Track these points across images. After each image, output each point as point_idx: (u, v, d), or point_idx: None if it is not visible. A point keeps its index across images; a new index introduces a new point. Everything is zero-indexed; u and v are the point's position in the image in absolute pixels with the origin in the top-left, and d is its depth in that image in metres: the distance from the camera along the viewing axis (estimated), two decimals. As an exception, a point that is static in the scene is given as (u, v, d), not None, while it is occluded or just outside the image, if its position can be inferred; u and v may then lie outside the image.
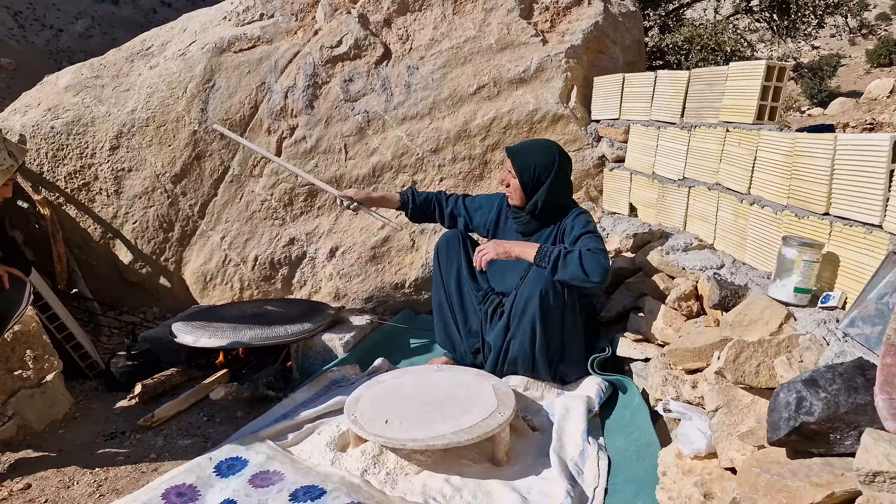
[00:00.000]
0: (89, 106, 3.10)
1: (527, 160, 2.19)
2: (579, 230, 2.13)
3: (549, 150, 2.23)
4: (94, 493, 1.80)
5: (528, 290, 2.07)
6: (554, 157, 2.21)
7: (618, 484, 1.66)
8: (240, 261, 3.09)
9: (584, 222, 2.17)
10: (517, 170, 2.20)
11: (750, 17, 6.63)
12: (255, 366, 2.57)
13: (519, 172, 2.19)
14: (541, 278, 2.04)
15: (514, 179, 2.21)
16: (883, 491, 0.92)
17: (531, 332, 2.08)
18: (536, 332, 2.07)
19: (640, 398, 1.93)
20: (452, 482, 1.67)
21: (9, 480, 1.86)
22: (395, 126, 3.03)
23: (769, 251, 1.84)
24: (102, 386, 2.47)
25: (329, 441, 1.87)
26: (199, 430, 2.15)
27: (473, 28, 3.08)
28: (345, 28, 3.10)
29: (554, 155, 2.21)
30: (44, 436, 2.13)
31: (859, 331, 1.34)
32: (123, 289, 3.19)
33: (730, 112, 2.16)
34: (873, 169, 1.49)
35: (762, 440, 1.26)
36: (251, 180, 3.08)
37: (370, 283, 3.03)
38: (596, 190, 3.04)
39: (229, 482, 1.69)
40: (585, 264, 1.98)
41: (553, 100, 2.98)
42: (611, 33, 3.18)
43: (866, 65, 17.04)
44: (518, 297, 2.11)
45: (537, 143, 2.34)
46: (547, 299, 2.03)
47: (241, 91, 3.06)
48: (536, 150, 2.25)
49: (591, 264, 1.98)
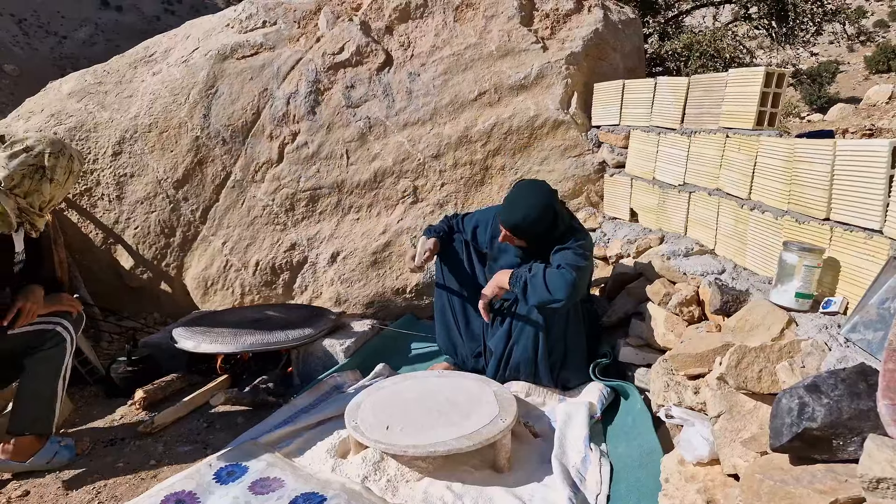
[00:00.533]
0: (92, 112, 3.11)
1: (523, 231, 2.09)
2: (565, 244, 2.07)
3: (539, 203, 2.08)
4: (93, 500, 1.79)
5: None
6: (549, 209, 2.08)
7: (620, 491, 1.65)
8: (241, 266, 3.09)
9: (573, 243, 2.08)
10: (515, 234, 2.12)
11: (749, 25, 6.66)
12: (256, 371, 2.57)
13: (516, 235, 2.12)
14: None
15: (515, 239, 2.15)
16: (887, 497, 0.91)
17: (534, 338, 2.08)
18: (539, 338, 2.07)
19: (642, 404, 1.92)
20: (454, 489, 1.66)
21: (7, 487, 1.86)
22: (396, 132, 3.04)
23: (770, 256, 1.84)
24: (102, 392, 2.46)
25: (329, 447, 1.87)
26: (199, 436, 2.15)
27: (474, 35, 3.10)
28: (347, 35, 3.11)
29: (546, 206, 2.08)
30: (44, 442, 2.12)
31: (861, 336, 1.34)
32: (124, 294, 3.19)
33: (729, 118, 2.17)
34: (873, 174, 1.49)
35: (765, 446, 1.25)
36: (253, 185, 3.09)
37: (371, 288, 3.03)
38: (597, 195, 3.05)
39: (229, 489, 1.68)
40: (549, 283, 1.92)
41: (553, 106, 2.99)
42: (611, 40, 3.20)
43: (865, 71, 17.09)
44: (521, 303, 2.11)
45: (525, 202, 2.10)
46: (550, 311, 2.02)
47: (244, 97, 3.07)
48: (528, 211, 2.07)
49: (554, 282, 1.91)
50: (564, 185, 3.00)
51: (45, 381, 1.91)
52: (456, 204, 3.03)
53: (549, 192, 2.13)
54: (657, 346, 2.08)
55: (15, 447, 1.89)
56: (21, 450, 1.89)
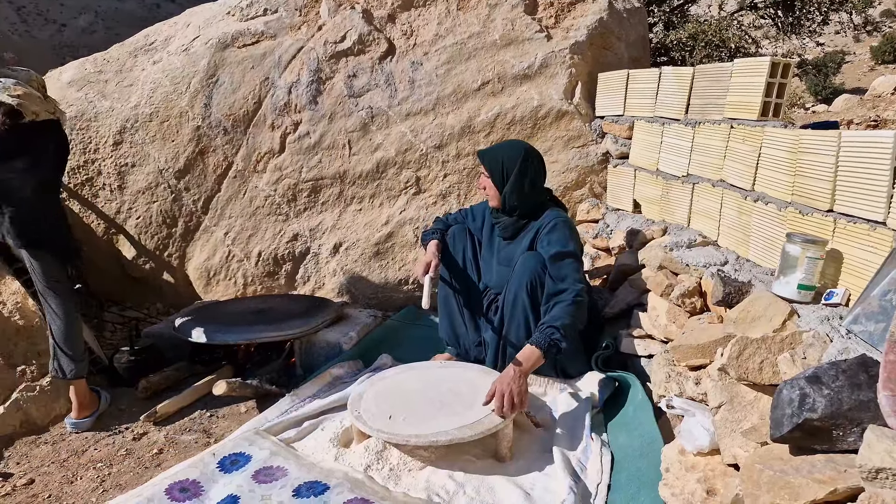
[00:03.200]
0: (92, 101, 3.10)
1: (494, 157, 2.22)
2: (556, 248, 2.06)
3: (516, 145, 2.27)
4: (97, 489, 1.81)
5: (516, 284, 2.10)
6: (520, 150, 2.22)
7: (621, 480, 1.66)
8: (243, 256, 3.10)
9: (560, 237, 2.09)
10: (487, 168, 2.22)
11: (754, 14, 6.60)
12: (259, 362, 2.58)
13: (489, 171, 2.21)
14: (527, 271, 2.07)
15: (487, 179, 2.23)
16: (886, 487, 0.91)
17: (525, 325, 2.09)
18: (530, 325, 2.08)
19: (644, 395, 1.93)
20: (456, 478, 1.67)
21: (12, 476, 1.88)
22: (398, 122, 3.03)
23: (773, 248, 1.84)
24: (106, 381, 2.48)
25: (332, 437, 1.88)
26: (203, 425, 2.16)
27: (478, 24, 3.08)
28: (349, 23, 3.09)
29: (520, 149, 2.23)
30: (47, 431, 2.14)
31: (863, 328, 1.34)
32: (127, 284, 3.20)
33: (734, 108, 2.16)
34: (877, 166, 1.48)
35: (765, 437, 1.26)
36: (255, 176, 3.08)
37: (374, 279, 3.03)
38: (600, 186, 3.04)
39: (233, 478, 1.69)
40: (578, 318, 1.95)
41: (557, 96, 2.98)
42: (615, 29, 3.17)
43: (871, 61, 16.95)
44: (507, 292, 2.14)
45: (506, 142, 2.39)
46: (535, 291, 2.06)
47: (245, 86, 3.06)
48: (504, 146, 2.30)
49: (579, 314, 1.96)
50: (568, 175, 3.00)
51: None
52: (459, 195, 3.03)
53: (532, 148, 2.26)
54: (659, 338, 2.08)
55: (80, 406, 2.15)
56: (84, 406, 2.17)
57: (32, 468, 1.91)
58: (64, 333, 2.12)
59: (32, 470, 1.90)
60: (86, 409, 2.16)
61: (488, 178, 2.23)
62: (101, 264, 3.14)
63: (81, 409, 2.15)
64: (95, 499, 1.76)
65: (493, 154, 2.25)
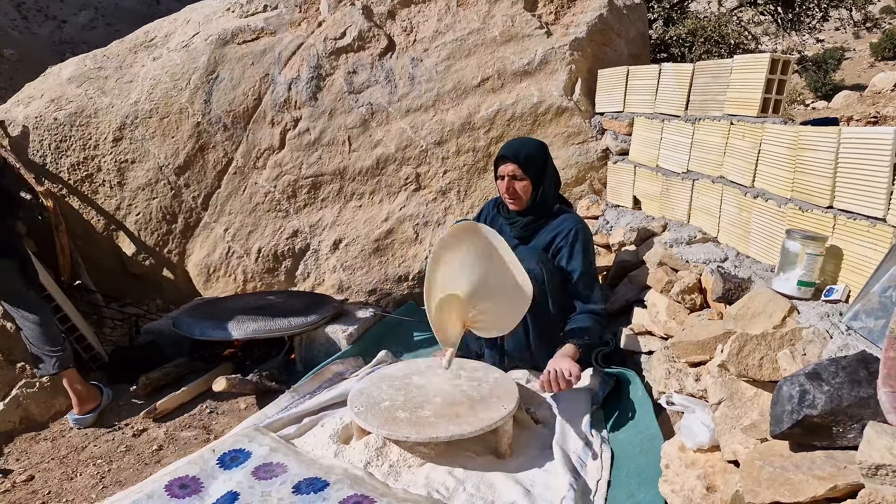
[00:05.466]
0: (92, 97, 3.09)
1: (526, 155, 2.15)
2: (580, 266, 2.13)
3: (533, 142, 2.26)
4: (97, 485, 1.81)
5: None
6: (540, 145, 2.25)
7: (621, 476, 1.66)
8: (243, 253, 3.10)
9: (582, 248, 2.15)
10: (522, 166, 2.14)
11: (754, 10, 6.58)
12: (259, 358, 2.58)
13: (524, 167, 2.14)
14: (531, 270, 2.06)
15: (519, 182, 2.16)
16: (885, 484, 0.92)
17: (524, 322, 2.09)
18: (528, 323, 2.08)
19: (644, 391, 1.93)
20: (455, 474, 1.67)
21: (12, 472, 1.88)
22: (398, 118, 3.02)
23: (773, 244, 1.84)
24: (106, 378, 2.48)
25: (332, 433, 1.88)
26: (202, 421, 2.16)
27: (478, 20, 3.07)
28: (349, 20, 3.09)
29: (539, 144, 2.25)
30: (47, 427, 2.14)
31: (863, 324, 1.34)
32: (126, 281, 3.19)
33: (734, 105, 2.15)
34: (877, 162, 1.48)
35: (765, 433, 1.26)
36: (254, 172, 3.08)
37: (374, 275, 3.03)
38: (600, 183, 3.03)
39: (233, 474, 1.70)
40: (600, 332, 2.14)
41: (557, 92, 2.97)
42: (615, 25, 3.16)
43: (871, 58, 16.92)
44: None
45: (520, 139, 2.31)
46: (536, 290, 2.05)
47: (245, 83, 3.06)
48: (525, 144, 2.23)
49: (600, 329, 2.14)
50: (568, 172, 2.99)
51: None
52: (458, 191, 3.03)
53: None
54: (659, 334, 2.08)
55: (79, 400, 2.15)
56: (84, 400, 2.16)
57: (32, 465, 1.92)
58: (40, 333, 2.11)
59: (32, 466, 1.90)
60: (86, 403, 2.15)
61: (517, 179, 2.15)
62: (100, 261, 3.14)
63: (82, 404, 2.14)
64: (95, 495, 1.76)
65: (518, 151, 2.16)
